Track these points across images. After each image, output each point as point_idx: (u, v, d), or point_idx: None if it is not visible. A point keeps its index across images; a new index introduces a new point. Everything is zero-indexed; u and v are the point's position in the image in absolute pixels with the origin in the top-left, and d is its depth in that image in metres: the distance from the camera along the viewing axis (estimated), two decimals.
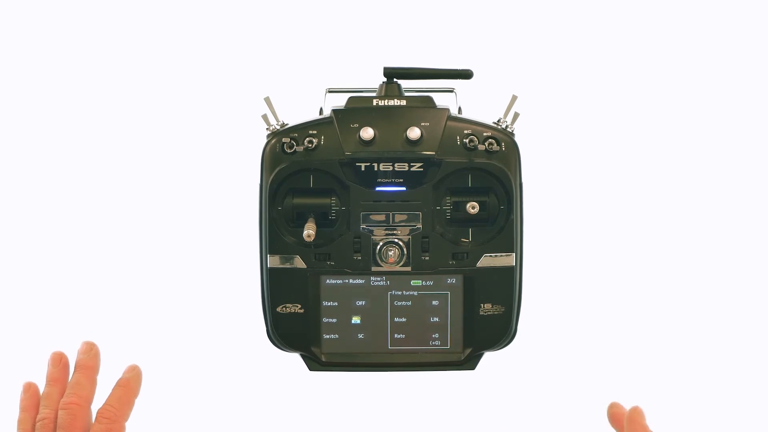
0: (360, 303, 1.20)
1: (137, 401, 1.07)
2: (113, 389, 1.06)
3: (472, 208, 1.16)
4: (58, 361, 1.07)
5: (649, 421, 1.04)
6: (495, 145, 1.17)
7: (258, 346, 1.23)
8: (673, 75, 1.39)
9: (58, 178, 1.38)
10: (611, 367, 1.30)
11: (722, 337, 1.33)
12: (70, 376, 1.07)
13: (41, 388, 1.06)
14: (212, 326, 1.32)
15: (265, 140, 1.18)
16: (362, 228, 1.18)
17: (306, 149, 1.16)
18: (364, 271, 1.19)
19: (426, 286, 1.19)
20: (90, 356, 1.07)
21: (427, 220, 1.18)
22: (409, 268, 1.18)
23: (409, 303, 1.20)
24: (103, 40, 1.39)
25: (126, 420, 1.05)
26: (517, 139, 1.18)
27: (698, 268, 1.36)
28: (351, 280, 1.19)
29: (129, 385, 1.06)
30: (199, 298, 1.33)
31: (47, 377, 1.06)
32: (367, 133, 1.16)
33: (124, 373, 1.08)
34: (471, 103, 1.24)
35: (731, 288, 1.36)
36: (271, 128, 1.18)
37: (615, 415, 1.07)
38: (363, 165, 1.16)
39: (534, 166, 1.21)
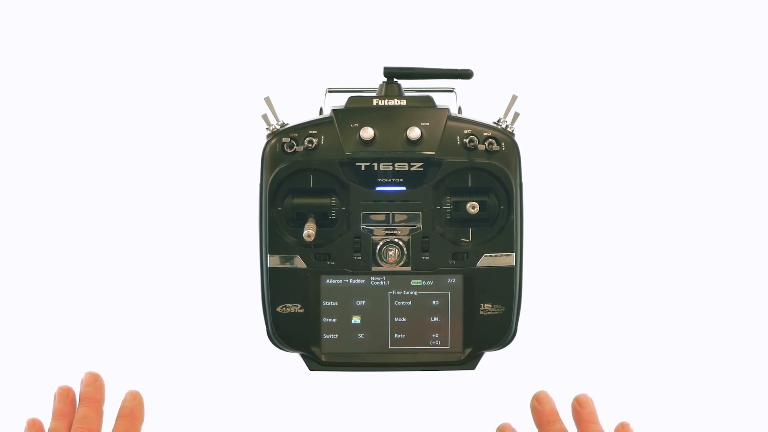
0: (360, 303, 1.20)
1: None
2: (117, 420, 1.04)
3: (472, 208, 1.16)
4: (65, 395, 1.05)
5: (646, 422, 1.05)
6: (495, 145, 1.17)
7: (258, 346, 1.23)
8: (672, 75, 1.39)
9: (58, 179, 1.38)
10: (611, 367, 1.30)
11: (722, 336, 1.33)
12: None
13: (45, 423, 1.04)
14: (212, 326, 1.31)
15: (265, 140, 1.18)
16: (362, 228, 1.18)
17: (306, 149, 1.16)
18: (364, 271, 1.19)
19: (426, 286, 1.19)
20: (95, 388, 1.05)
21: (427, 220, 1.18)
22: (409, 268, 1.18)
23: (409, 303, 1.20)
24: (104, 41, 1.39)
25: None
26: (517, 139, 1.18)
27: (698, 267, 1.36)
28: (351, 280, 1.19)
29: (133, 415, 1.04)
30: (199, 298, 1.33)
31: (54, 412, 1.04)
32: (367, 133, 1.16)
33: (125, 401, 1.06)
34: (471, 103, 1.24)
35: (731, 287, 1.36)
36: (271, 128, 1.18)
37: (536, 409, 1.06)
38: (363, 165, 1.16)
39: (534, 166, 1.21)
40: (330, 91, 1.25)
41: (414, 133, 1.15)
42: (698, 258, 1.36)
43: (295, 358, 1.22)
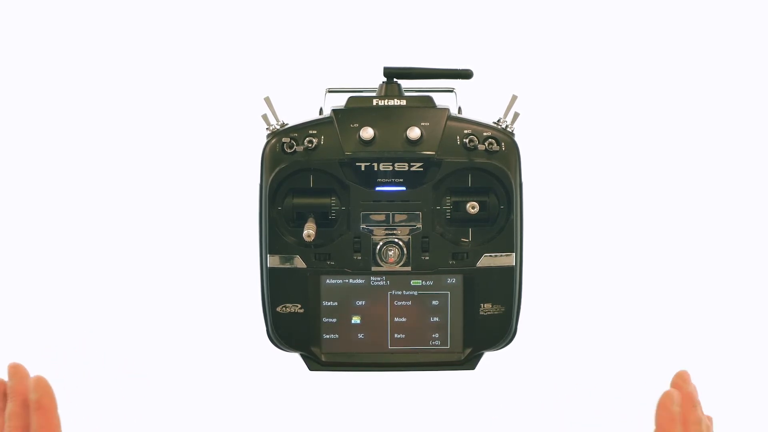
0: (360, 303, 1.20)
1: (132, 404, 1.06)
2: (32, 416, 0.96)
3: (472, 208, 1.16)
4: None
5: (646, 421, 1.05)
6: (495, 145, 1.17)
7: (258, 346, 1.23)
8: (672, 75, 1.39)
9: (58, 179, 1.38)
10: (611, 367, 1.30)
11: (722, 336, 1.33)
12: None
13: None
14: (212, 326, 1.32)
15: (265, 140, 1.18)
16: (362, 228, 1.18)
17: (306, 149, 1.16)
18: (364, 271, 1.18)
19: (426, 286, 1.19)
20: (42, 393, 0.97)
21: (427, 220, 1.18)
22: (409, 268, 1.18)
23: (409, 303, 1.20)
24: (104, 41, 1.39)
25: None
26: (517, 139, 1.18)
27: (698, 267, 1.36)
28: (351, 280, 1.19)
29: (43, 405, 0.96)
30: (199, 298, 1.33)
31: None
32: (367, 133, 1.16)
33: (31, 393, 0.97)
34: (471, 103, 1.24)
35: (731, 287, 1.36)
36: (271, 128, 1.18)
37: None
38: (363, 165, 1.16)
39: (534, 166, 1.21)
40: (330, 91, 1.25)
41: (414, 133, 1.15)
42: (698, 257, 1.36)
43: (295, 358, 1.22)
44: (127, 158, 1.38)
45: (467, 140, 1.16)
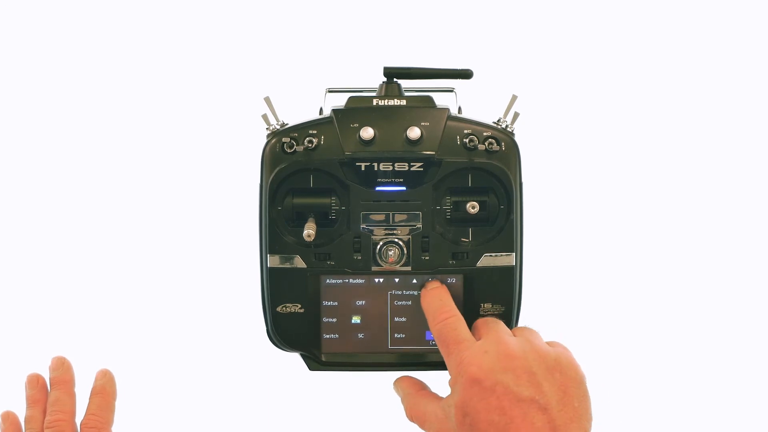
0: (360, 303, 1.20)
1: (131, 404, 1.07)
2: (90, 398, 1.06)
3: (472, 207, 1.16)
4: (36, 382, 1.07)
5: (645, 421, 1.05)
6: (495, 144, 1.17)
7: (258, 346, 1.23)
8: (672, 75, 1.39)
9: (58, 179, 1.38)
10: (611, 367, 1.30)
11: (722, 336, 1.33)
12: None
13: (19, 413, 1.05)
14: (212, 326, 1.32)
15: (265, 140, 1.18)
16: (362, 228, 1.17)
17: (306, 149, 1.16)
18: (364, 270, 1.18)
19: None
20: (63, 370, 1.07)
21: (427, 219, 1.17)
22: (409, 268, 1.18)
23: (409, 303, 1.20)
24: (104, 41, 1.39)
25: (111, 425, 1.05)
26: (517, 139, 1.18)
27: (698, 267, 1.36)
28: (351, 280, 1.19)
29: (105, 391, 1.06)
30: (199, 298, 1.33)
31: (27, 400, 1.06)
32: (367, 132, 1.15)
33: (96, 380, 1.08)
34: (471, 103, 1.24)
35: (731, 287, 1.36)
36: (271, 128, 1.18)
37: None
38: (363, 165, 1.16)
39: (534, 166, 1.21)
40: (330, 91, 1.25)
41: (414, 133, 1.15)
42: (698, 258, 1.36)
43: (295, 358, 1.22)
44: (128, 158, 1.38)
45: (467, 140, 1.16)
